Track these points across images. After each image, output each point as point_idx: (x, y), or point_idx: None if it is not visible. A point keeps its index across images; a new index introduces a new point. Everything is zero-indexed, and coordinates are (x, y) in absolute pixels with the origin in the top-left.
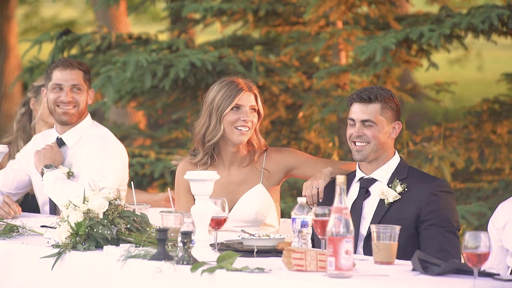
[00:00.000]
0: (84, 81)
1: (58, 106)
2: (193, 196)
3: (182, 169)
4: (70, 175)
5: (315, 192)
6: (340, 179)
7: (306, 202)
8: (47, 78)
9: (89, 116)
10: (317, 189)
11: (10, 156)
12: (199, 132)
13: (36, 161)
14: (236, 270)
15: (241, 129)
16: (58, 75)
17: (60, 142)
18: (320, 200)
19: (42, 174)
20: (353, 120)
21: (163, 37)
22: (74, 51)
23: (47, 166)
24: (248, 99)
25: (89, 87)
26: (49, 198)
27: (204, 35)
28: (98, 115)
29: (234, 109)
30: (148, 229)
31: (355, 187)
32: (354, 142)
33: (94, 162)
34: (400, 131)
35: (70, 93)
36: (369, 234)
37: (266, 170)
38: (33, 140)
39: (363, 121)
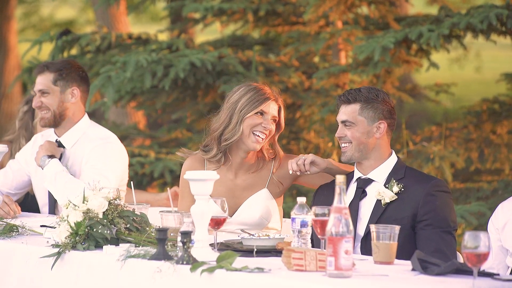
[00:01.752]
0: (53, 82)
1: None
2: None
3: (189, 167)
4: None
5: (301, 162)
6: (340, 179)
7: (306, 202)
8: None
9: (86, 117)
10: (303, 160)
11: (12, 154)
12: (217, 129)
13: (36, 154)
14: (236, 270)
15: (258, 136)
16: (36, 81)
17: (59, 145)
18: (308, 172)
19: (43, 168)
20: (337, 121)
21: (163, 37)
22: (74, 51)
23: (44, 159)
24: (273, 108)
25: (66, 86)
26: (48, 200)
27: (204, 35)
28: (98, 115)
29: (258, 114)
30: (147, 228)
31: (353, 187)
32: (340, 143)
33: (96, 162)
34: (385, 130)
35: (38, 98)
36: (366, 234)
37: (278, 179)
38: (33, 140)
39: (343, 122)
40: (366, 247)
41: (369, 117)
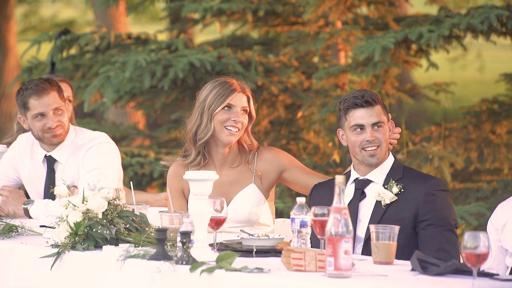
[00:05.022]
0: (61, 99)
1: (46, 132)
2: (186, 198)
3: (174, 173)
4: (75, 188)
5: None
6: (339, 179)
7: (306, 202)
8: (22, 107)
9: (69, 125)
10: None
11: None
12: (190, 130)
13: (13, 208)
14: (235, 270)
15: (230, 129)
16: (35, 104)
17: (50, 159)
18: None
19: (27, 212)
20: (361, 125)
21: (162, 37)
22: (73, 51)
23: (25, 204)
24: (240, 100)
25: (65, 101)
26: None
27: (203, 35)
28: (97, 115)
29: (226, 108)
30: (147, 229)
31: (350, 188)
32: (364, 148)
33: (91, 165)
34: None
35: (55, 117)
36: (368, 236)
37: (258, 170)
38: (17, 142)
39: (373, 124)
40: (368, 249)
41: (387, 117)
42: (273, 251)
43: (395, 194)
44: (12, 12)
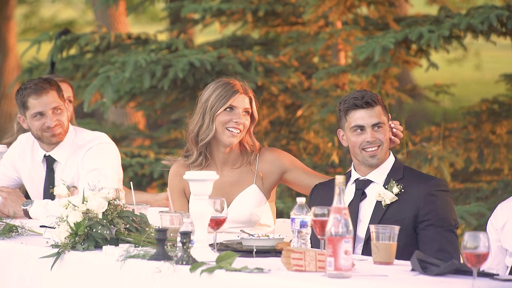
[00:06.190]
0: (60, 98)
1: (44, 131)
2: (187, 198)
3: (175, 173)
4: (75, 189)
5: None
6: (339, 179)
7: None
8: (21, 106)
9: (69, 125)
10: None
11: None
12: (192, 130)
13: (12, 209)
14: (235, 270)
15: (232, 131)
16: (34, 103)
17: (50, 159)
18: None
19: (27, 213)
20: (361, 126)
21: (162, 37)
22: (73, 51)
23: (24, 205)
24: (242, 101)
25: (64, 101)
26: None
27: (203, 35)
28: (97, 115)
29: (227, 109)
30: (147, 229)
31: (351, 188)
32: (364, 149)
33: (91, 165)
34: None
35: (54, 116)
36: (368, 237)
37: (259, 171)
38: (18, 141)
39: (374, 125)
40: (368, 250)
41: (387, 117)
42: (273, 251)
43: (396, 194)
44: (12, 12)
